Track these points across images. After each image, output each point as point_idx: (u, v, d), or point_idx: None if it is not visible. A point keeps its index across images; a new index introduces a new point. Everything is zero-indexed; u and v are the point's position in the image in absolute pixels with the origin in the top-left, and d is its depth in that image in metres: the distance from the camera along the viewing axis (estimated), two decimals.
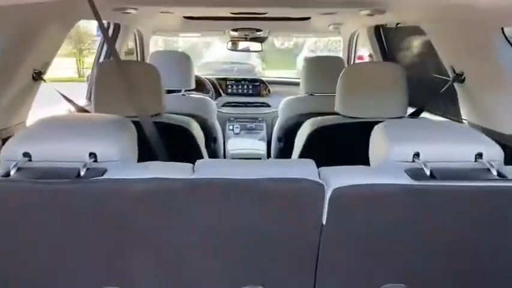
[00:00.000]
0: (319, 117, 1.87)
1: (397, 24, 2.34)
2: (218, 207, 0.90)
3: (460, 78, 1.77)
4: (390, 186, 0.90)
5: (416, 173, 0.94)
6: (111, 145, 0.96)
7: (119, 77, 1.67)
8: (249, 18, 3.08)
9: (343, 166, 1.00)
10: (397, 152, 0.99)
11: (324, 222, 0.92)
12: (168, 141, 1.77)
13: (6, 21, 1.43)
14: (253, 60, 9.07)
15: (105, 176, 0.91)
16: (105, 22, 2.60)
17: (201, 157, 1.83)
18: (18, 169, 0.91)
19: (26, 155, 0.93)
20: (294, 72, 10.81)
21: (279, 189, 0.89)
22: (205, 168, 0.96)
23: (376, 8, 2.11)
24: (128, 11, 2.14)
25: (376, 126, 1.13)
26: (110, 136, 0.97)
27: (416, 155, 0.98)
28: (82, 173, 0.90)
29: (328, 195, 0.90)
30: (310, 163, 0.99)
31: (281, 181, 0.89)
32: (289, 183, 0.89)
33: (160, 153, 1.22)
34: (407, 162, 0.99)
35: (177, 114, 2.59)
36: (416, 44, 2.43)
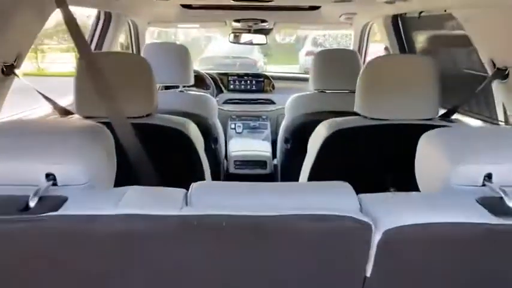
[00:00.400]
0: (337, 119, 1.61)
1: (421, 12, 2.08)
2: (221, 255, 0.65)
3: (502, 73, 1.52)
4: (465, 227, 0.64)
5: (493, 204, 0.68)
6: (76, 163, 0.70)
7: (102, 71, 1.43)
8: (253, 7, 2.83)
9: (391, 194, 0.75)
10: (462, 173, 0.73)
11: (369, 274, 0.66)
12: (162, 146, 1.53)
13: None
14: (255, 55, 8.84)
15: (62, 210, 0.65)
16: (91, 10, 2.35)
17: (200, 164, 1.58)
18: None
19: None
20: (296, 67, 10.62)
21: (305, 229, 0.64)
22: (204, 197, 0.71)
23: None
24: None
25: (424, 135, 0.87)
26: (75, 151, 0.72)
27: (488, 176, 0.72)
28: (32, 204, 0.65)
29: (376, 238, 0.64)
30: (346, 189, 0.73)
31: (308, 218, 0.64)
32: (321, 221, 0.64)
33: (144, 171, 0.97)
34: (475, 186, 0.74)
35: (173, 113, 2.35)
36: (442, 34, 2.17)
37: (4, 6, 1.36)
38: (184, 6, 2.88)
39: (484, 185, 0.73)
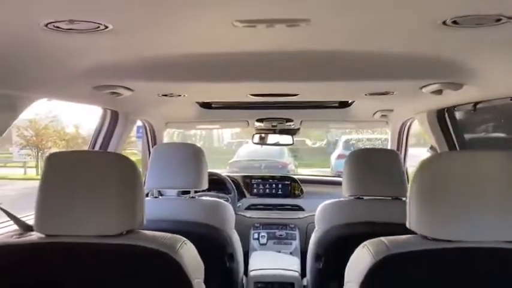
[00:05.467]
0: (384, 239, 1.17)
1: (476, 104, 1.71)
2: None
3: None
4: None
5: None
6: None
7: (72, 175, 1.11)
8: (277, 106, 2.59)
9: None
10: None
11: None
12: (141, 274, 1.13)
13: None
14: (285, 158, 8.66)
15: None
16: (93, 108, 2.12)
17: None
18: None
19: None
20: (328, 170, 10.34)
21: None
22: None
23: (450, 81, 1.52)
24: (117, 91, 1.64)
25: None
26: None
27: None
28: None
29: None
30: None
31: None
32: None
33: None
34: None
35: (180, 223, 1.98)
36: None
37: None
38: (203, 106, 2.68)
39: None
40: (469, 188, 1.08)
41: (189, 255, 1.19)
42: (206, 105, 2.67)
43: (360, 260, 1.16)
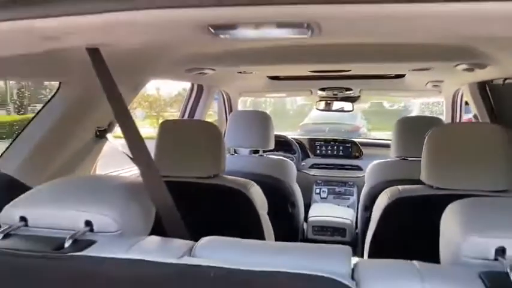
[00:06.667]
0: (400, 187, 1.58)
1: (505, 79, 1.97)
2: None
3: None
4: None
5: (496, 281, 0.64)
6: (109, 214, 0.83)
7: (178, 136, 1.62)
8: (337, 76, 2.92)
9: (392, 260, 0.74)
10: (470, 245, 0.70)
11: None
12: (223, 204, 1.63)
13: (74, 78, 1.47)
14: (358, 121, 8.78)
15: (86, 252, 0.77)
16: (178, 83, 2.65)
17: (258, 225, 1.64)
18: (8, 235, 0.82)
19: (23, 219, 0.85)
20: None
21: (291, 287, 0.66)
22: (205, 250, 0.78)
23: (475, 62, 1.80)
24: (204, 71, 2.13)
25: (449, 206, 0.85)
26: (110, 204, 0.85)
27: (501, 251, 0.68)
28: (66, 245, 0.78)
29: None
30: (343, 252, 0.75)
31: (295, 277, 0.66)
32: (306, 281, 0.66)
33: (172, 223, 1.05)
34: (487, 260, 0.69)
35: (252, 175, 2.46)
36: None
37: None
38: (271, 78, 3.09)
39: (496, 259, 0.68)
40: (465, 150, 1.43)
41: (256, 193, 1.68)
42: (274, 78, 3.06)
43: (381, 201, 1.58)
